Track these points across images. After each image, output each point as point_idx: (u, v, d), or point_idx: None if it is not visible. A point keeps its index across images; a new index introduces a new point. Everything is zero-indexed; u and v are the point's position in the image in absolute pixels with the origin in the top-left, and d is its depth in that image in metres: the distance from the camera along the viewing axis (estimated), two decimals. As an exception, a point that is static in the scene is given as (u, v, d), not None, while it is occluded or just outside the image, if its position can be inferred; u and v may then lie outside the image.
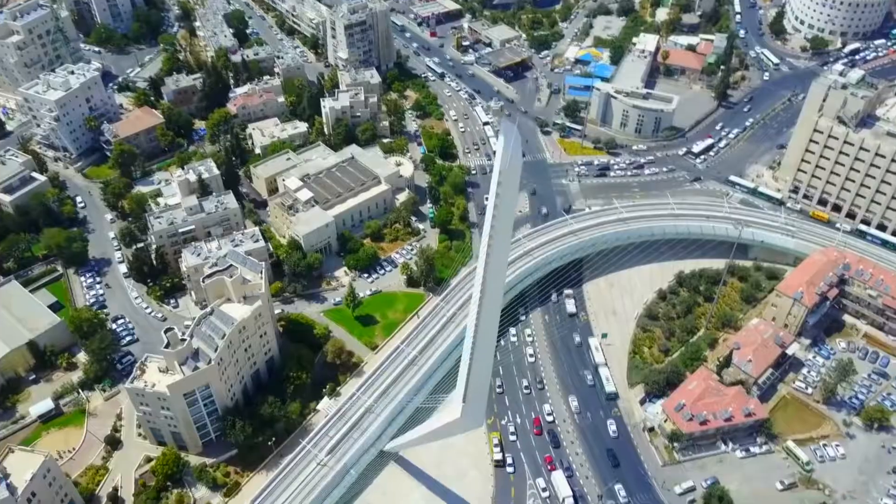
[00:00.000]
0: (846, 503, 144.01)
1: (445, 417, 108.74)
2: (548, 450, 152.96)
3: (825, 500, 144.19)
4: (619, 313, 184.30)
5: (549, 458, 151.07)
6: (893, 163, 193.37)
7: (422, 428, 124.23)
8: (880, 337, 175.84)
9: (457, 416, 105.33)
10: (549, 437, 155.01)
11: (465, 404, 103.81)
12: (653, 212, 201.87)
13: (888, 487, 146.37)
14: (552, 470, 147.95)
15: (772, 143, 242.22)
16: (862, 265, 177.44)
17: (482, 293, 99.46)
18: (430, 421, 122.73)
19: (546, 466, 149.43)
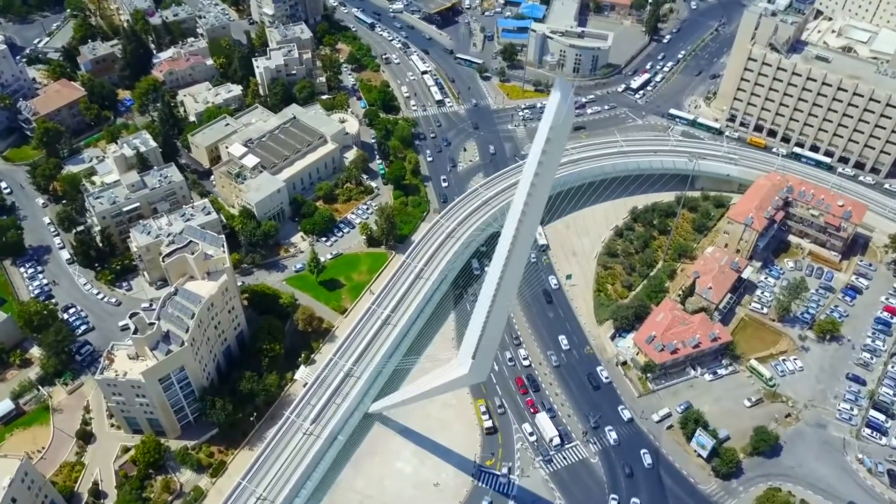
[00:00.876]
0: (808, 411, 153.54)
1: (449, 374, 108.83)
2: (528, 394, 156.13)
3: (789, 412, 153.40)
4: (578, 253, 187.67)
5: (530, 401, 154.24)
6: (825, 86, 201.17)
7: (416, 386, 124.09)
8: (823, 253, 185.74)
9: (464, 371, 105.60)
10: (527, 382, 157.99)
11: (475, 360, 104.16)
12: (604, 150, 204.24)
13: (844, 392, 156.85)
14: (535, 413, 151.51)
15: (704, 73, 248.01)
16: (803, 187, 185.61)
17: (510, 252, 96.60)
18: (425, 378, 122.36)
19: (529, 409, 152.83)
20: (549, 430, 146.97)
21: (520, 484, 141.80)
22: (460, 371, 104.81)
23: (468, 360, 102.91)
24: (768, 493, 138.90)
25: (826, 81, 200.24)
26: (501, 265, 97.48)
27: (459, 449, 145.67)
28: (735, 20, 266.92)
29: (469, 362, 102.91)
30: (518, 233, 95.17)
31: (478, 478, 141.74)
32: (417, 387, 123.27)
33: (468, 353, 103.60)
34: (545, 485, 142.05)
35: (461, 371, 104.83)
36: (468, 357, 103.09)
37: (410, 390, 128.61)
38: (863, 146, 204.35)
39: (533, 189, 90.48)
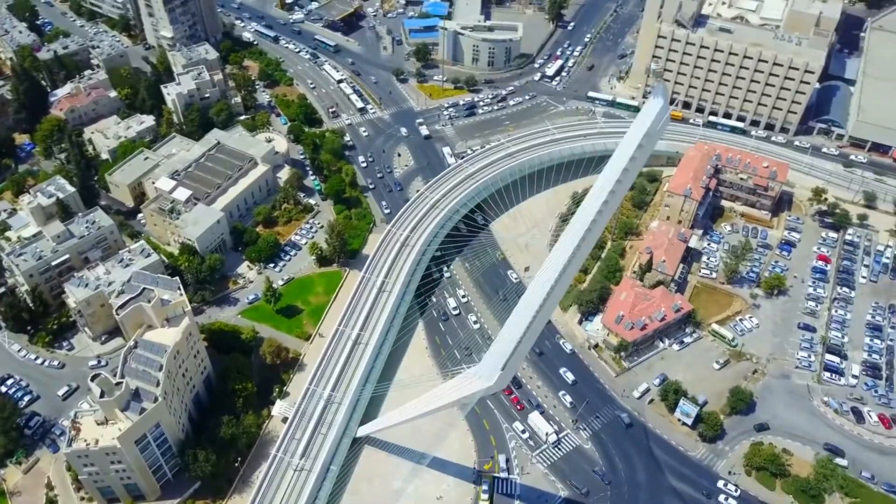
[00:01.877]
0: (771, 365, 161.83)
1: (468, 387, 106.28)
2: (512, 392, 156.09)
3: (755, 368, 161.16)
4: (530, 245, 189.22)
5: (515, 398, 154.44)
6: (731, 55, 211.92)
7: (422, 404, 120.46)
8: (755, 213, 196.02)
9: (489, 384, 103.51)
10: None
11: (504, 372, 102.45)
12: (538, 140, 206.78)
13: (799, 342, 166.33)
14: (521, 409, 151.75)
15: (612, 54, 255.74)
16: (730, 153, 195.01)
17: (567, 264, 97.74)
18: (431, 395, 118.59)
19: (515, 407, 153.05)
20: (542, 426, 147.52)
21: (521, 482, 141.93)
22: (484, 383, 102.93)
23: (495, 372, 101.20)
24: (753, 448, 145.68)
25: (732, 51, 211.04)
26: (555, 277, 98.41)
27: (456, 458, 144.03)
28: (631, 1, 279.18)
29: (497, 374, 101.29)
30: (583, 242, 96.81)
31: (479, 484, 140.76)
32: (423, 404, 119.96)
33: (496, 364, 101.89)
34: (546, 478, 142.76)
35: (485, 383, 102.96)
36: (496, 369, 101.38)
37: (409, 410, 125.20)
38: (771, 108, 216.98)
39: (611, 196, 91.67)
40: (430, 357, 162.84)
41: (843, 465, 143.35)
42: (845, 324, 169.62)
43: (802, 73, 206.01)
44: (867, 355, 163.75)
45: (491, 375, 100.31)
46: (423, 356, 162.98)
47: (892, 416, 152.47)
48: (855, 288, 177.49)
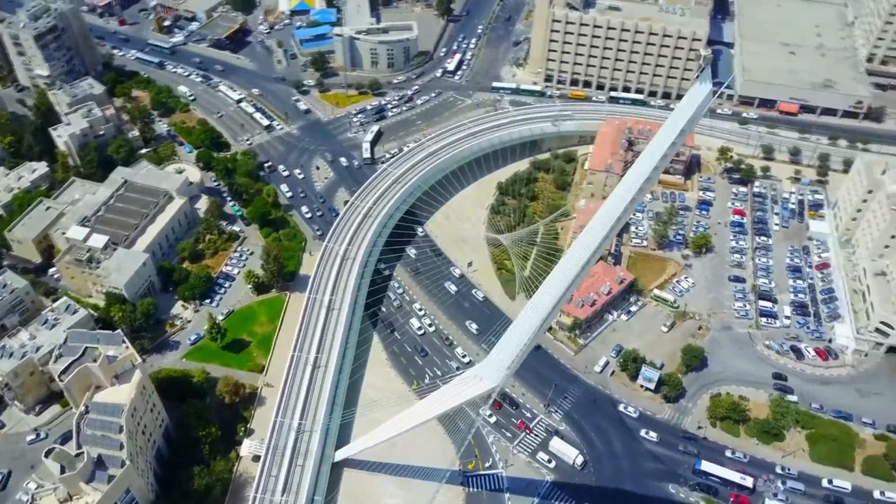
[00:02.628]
0: (713, 319, 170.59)
1: (471, 391, 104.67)
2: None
3: (700, 324, 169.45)
4: (467, 239, 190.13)
5: (521, 423, 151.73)
6: (624, 31, 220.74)
7: (421, 413, 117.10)
8: (670, 179, 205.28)
9: (495, 384, 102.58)
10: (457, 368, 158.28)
11: (508, 371, 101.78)
12: (456, 135, 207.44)
13: (732, 294, 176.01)
14: (498, 408, 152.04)
15: (507, 42, 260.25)
16: (640, 125, 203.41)
17: (589, 259, 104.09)
18: (433, 402, 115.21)
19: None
20: (569, 452, 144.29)
21: (508, 475, 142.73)
22: (487, 385, 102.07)
23: (501, 372, 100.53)
24: (713, 401, 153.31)
25: (624, 27, 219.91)
26: (575, 271, 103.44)
27: (439, 464, 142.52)
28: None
29: (502, 374, 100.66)
30: (609, 233, 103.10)
31: (467, 485, 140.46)
32: (420, 414, 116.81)
33: (501, 365, 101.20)
34: (530, 466, 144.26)
35: (489, 384, 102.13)
36: (501, 369, 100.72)
37: (401, 422, 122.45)
38: (666, 78, 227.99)
39: (646, 183, 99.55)
40: (391, 368, 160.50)
41: (793, 401, 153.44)
42: (769, 270, 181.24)
43: (691, 41, 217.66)
44: (793, 296, 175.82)
45: (497, 375, 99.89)
46: (385, 367, 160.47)
47: (825, 347, 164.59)
48: (770, 235, 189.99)
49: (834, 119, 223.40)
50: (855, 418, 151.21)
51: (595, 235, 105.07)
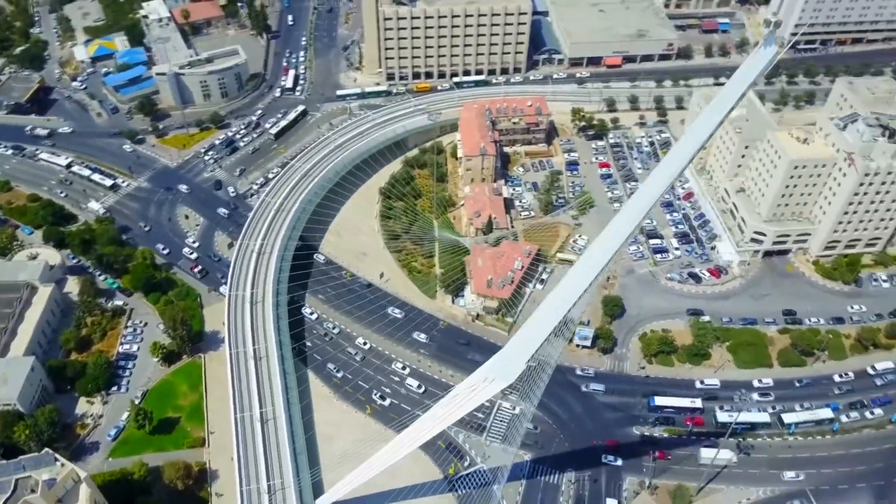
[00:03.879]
0: (616, 267, 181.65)
1: (485, 392, 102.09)
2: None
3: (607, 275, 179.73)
4: (367, 252, 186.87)
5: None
6: (455, 17, 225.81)
7: (425, 428, 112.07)
8: (535, 149, 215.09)
9: (510, 380, 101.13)
10: (415, 385, 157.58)
11: (523, 368, 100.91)
12: (323, 150, 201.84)
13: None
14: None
15: (336, 49, 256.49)
16: (497, 104, 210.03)
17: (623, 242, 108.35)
18: (438, 413, 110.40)
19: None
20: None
21: (487, 469, 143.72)
22: (502, 383, 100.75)
23: (517, 368, 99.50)
24: (643, 341, 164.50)
25: (454, 14, 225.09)
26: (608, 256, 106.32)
27: (422, 478, 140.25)
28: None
29: (519, 369, 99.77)
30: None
31: (455, 490, 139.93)
32: (419, 434, 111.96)
33: (518, 360, 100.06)
34: (507, 452, 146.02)
35: (504, 382, 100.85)
36: (518, 364, 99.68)
37: (400, 446, 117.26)
38: (501, 55, 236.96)
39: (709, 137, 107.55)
40: (339, 399, 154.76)
41: (707, 321, 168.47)
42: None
43: (517, 16, 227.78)
44: (674, 228, 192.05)
45: (511, 373, 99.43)
46: (332, 401, 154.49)
47: (715, 266, 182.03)
48: (637, 179, 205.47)
49: (652, 64, 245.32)
50: (759, 321, 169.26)
51: (648, 198, 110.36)
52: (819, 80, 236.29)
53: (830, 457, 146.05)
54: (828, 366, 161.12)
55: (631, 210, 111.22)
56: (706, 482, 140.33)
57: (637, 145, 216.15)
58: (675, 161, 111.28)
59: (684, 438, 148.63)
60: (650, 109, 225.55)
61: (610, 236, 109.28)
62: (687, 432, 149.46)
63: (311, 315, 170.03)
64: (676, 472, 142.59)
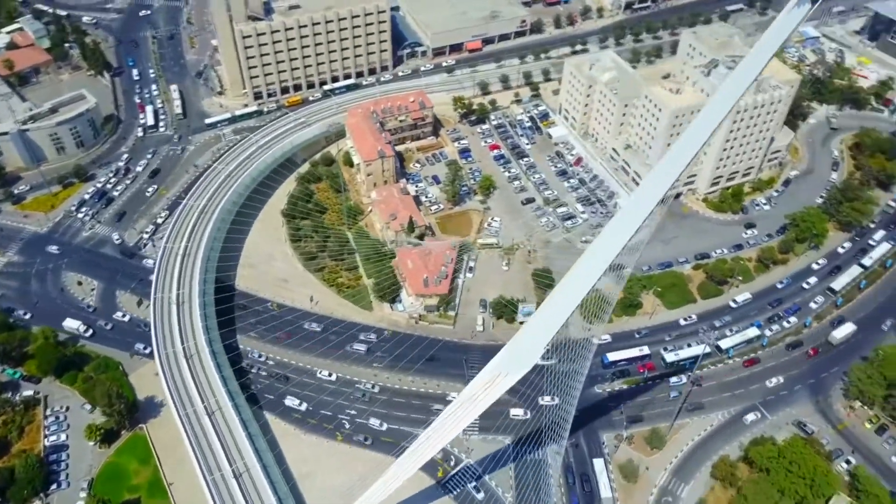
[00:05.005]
0: (534, 241, 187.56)
1: (498, 388, 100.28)
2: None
3: (528, 250, 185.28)
4: (287, 278, 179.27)
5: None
6: (315, 25, 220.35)
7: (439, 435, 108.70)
8: (426, 143, 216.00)
9: (523, 373, 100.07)
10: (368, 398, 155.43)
11: (538, 357, 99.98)
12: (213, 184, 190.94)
13: (534, 214, 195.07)
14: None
15: (189, 76, 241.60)
16: (380, 105, 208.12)
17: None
18: (451, 416, 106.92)
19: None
20: (518, 411, 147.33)
21: (474, 462, 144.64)
22: (514, 377, 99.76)
23: (530, 360, 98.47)
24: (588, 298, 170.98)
25: (314, 21, 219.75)
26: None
27: (416, 489, 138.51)
28: (159, 21, 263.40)
29: (532, 361, 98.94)
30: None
31: (450, 491, 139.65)
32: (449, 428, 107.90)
33: (531, 353, 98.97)
34: (485, 442, 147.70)
35: (516, 376, 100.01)
36: (532, 357, 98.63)
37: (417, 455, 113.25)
38: (367, 55, 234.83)
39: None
40: (307, 433, 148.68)
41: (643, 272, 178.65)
42: (545, 182, 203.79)
43: (377, 14, 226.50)
44: (574, 194, 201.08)
45: (526, 363, 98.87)
46: (300, 436, 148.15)
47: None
48: (529, 155, 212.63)
49: (510, 42, 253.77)
50: (674, 262, 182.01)
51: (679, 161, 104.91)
52: (660, 35, 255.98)
53: (766, 369, 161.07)
54: (741, 289, 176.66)
55: (660, 174, 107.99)
56: (673, 420, 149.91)
57: (519, 122, 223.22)
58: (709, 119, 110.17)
59: (643, 386, 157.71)
60: (521, 86, 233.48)
61: (637, 205, 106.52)
62: (643, 379, 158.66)
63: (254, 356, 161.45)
64: (647, 419, 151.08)
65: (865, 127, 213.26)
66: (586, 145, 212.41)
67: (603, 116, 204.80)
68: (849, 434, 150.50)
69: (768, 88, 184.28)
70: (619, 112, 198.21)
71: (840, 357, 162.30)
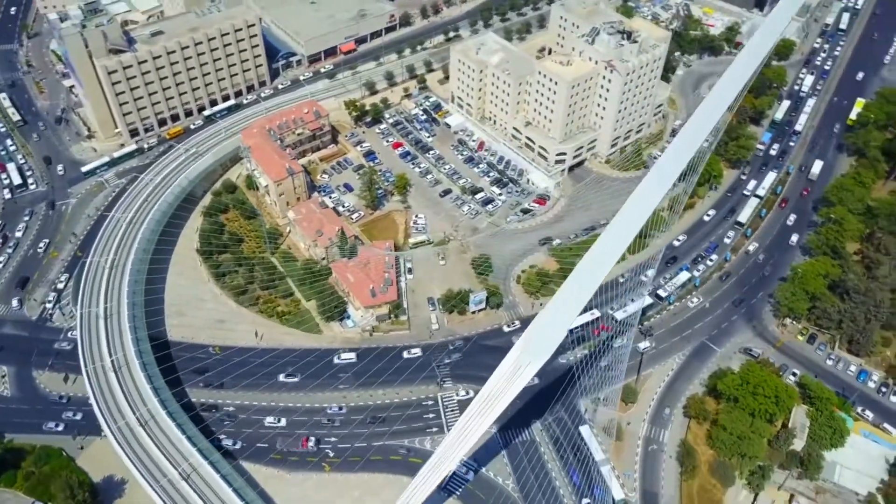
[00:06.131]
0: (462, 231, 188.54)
1: (526, 374, 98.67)
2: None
3: (459, 241, 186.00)
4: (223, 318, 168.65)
5: None
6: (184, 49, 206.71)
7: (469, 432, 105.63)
8: (328, 152, 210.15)
9: (546, 357, 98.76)
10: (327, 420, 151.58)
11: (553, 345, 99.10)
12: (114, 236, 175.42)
13: (454, 204, 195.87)
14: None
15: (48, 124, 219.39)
16: (275, 121, 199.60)
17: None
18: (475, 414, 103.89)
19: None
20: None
21: (467, 459, 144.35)
22: (538, 364, 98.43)
23: (552, 345, 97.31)
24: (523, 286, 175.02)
25: (183, 45, 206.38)
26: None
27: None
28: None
29: (554, 346, 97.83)
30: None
31: (452, 490, 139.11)
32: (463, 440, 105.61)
33: (552, 338, 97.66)
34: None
35: (539, 363, 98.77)
36: (554, 341, 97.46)
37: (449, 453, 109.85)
38: (243, 74, 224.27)
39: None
40: (290, 472, 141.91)
41: (559, 243, 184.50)
42: (457, 172, 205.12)
43: (247, 29, 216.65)
44: (486, 178, 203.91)
45: (548, 348, 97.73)
46: (285, 478, 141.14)
47: (539, 196, 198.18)
48: (433, 147, 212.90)
49: (382, 39, 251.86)
50: (597, 226, 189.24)
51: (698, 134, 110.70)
52: (524, 11, 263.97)
53: (705, 308, 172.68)
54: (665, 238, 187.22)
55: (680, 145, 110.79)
56: (637, 374, 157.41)
57: (415, 117, 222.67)
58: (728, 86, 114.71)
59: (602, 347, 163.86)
60: (407, 81, 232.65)
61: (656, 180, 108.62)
62: (601, 341, 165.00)
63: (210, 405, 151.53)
64: (616, 377, 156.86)
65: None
66: (486, 129, 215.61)
67: (498, 98, 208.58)
68: (787, 349, 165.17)
69: (649, 48, 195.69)
70: (514, 92, 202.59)
71: (765, 282, 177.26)
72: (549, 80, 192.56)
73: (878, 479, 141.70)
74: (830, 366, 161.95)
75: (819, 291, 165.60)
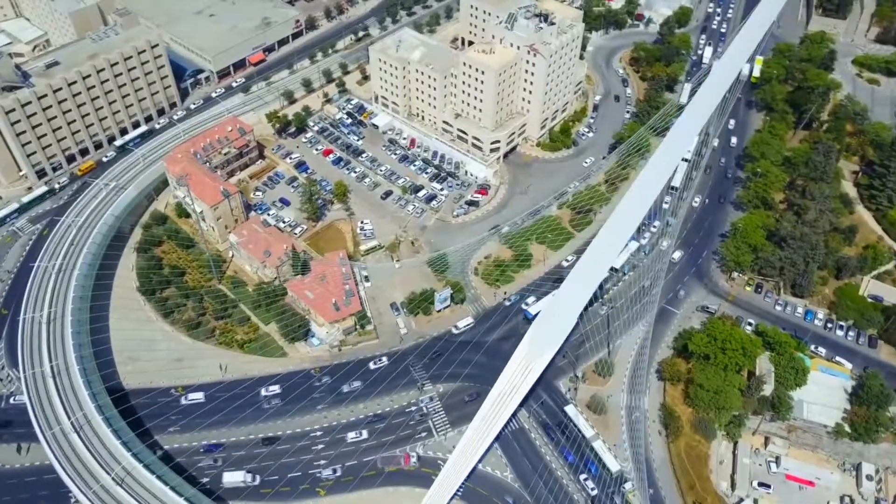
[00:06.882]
0: (411, 232, 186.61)
1: (536, 368, 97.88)
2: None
3: (411, 241, 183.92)
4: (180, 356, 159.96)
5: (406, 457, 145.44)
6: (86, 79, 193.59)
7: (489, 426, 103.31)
8: (256, 169, 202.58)
9: (556, 348, 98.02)
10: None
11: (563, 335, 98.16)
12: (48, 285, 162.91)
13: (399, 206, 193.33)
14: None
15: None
16: (200, 143, 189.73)
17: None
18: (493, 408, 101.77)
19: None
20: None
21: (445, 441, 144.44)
22: (547, 357, 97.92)
23: (559, 337, 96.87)
24: (483, 277, 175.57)
25: (84, 75, 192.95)
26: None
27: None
28: None
29: (561, 338, 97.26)
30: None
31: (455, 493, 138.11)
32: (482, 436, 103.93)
33: (559, 331, 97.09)
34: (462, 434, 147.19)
35: (548, 356, 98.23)
36: (561, 334, 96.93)
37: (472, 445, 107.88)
38: (151, 97, 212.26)
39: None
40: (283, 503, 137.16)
41: (508, 230, 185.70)
42: (394, 172, 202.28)
43: (151, 51, 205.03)
44: (424, 175, 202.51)
45: (556, 341, 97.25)
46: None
47: (479, 186, 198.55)
48: (365, 150, 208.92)
49: (291, 45, 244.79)
50: (541, 209, 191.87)
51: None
52: (430, 4, 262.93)
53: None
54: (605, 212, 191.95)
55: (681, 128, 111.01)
56: (608, 346, 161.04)
57: (340, 121, 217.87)
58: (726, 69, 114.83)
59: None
60: (324, 85, 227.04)
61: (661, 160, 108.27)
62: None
63: (186, 449, 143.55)
64: (588, 353, 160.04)
65: (635, 42, 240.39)
66: (415, 126, 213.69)
67: (424, 93, 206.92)
68: (739, 301, 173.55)
69: (567, 29, 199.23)
70: (440, 85, 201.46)
71: (707, 240, 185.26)
72: (476, 70, 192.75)
73: (842, 409, 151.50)
74: (780, 311, 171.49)
75: (760, 243, 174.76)
